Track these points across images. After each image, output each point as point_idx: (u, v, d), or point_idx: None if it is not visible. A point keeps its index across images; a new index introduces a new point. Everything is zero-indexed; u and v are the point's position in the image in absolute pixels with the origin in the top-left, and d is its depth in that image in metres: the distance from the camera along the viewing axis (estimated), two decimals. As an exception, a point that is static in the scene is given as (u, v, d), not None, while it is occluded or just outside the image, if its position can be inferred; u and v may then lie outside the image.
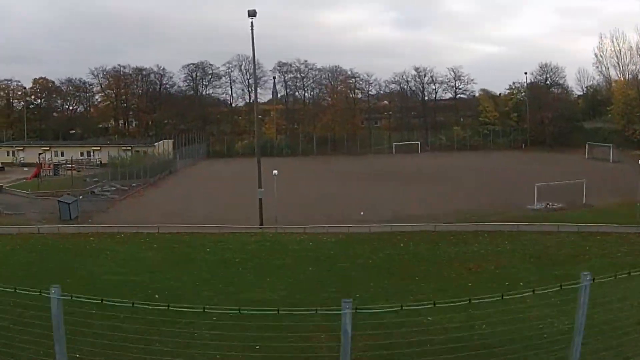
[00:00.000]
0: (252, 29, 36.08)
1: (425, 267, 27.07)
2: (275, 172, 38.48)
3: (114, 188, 54.34)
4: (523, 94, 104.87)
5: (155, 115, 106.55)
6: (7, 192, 53.53)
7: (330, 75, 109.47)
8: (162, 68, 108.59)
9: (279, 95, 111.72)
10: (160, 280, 25.96)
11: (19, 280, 25.70)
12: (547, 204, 42.02)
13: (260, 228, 37.00)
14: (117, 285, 25.33)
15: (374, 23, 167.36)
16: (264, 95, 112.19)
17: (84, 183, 57.10)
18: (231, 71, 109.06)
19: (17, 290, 7.60)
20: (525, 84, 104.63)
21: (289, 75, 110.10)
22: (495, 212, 40.01)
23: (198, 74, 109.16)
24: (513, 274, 25.30)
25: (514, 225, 35.05)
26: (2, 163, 75.87)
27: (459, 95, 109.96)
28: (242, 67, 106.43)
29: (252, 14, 35.48)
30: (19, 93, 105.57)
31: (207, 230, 36.40)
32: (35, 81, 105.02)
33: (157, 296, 23.90)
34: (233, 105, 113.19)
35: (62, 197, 43.05)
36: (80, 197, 43.22)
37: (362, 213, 40.08)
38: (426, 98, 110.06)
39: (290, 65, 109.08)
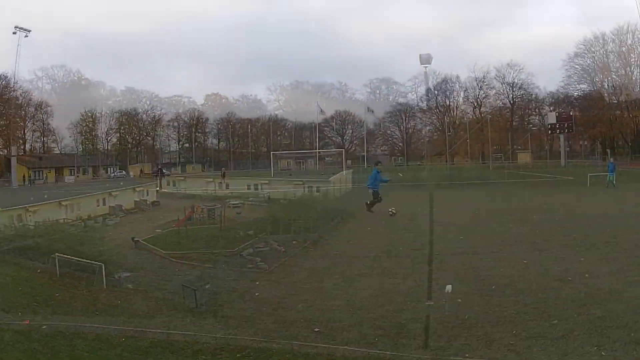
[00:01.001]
0: (426, 80, 27.79)
1: None
2: (448, 288, 30.65)
3: (267, 249, 48.39)
4: None
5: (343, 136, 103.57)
6: (142, 248, 49.97)
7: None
8: (343, 84, 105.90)
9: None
10: None
11: None
12: None
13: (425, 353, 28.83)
14: None
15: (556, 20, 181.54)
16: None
17: (235, 238, 52.09)
18: (417, 86, 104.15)
19: None
20: None
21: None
22: None
23: (382, 91, 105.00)
24: None
25: None
26: (159, 193, 74.49)
27: None
28: (430, 84, 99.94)
29: (425, 60, 27.12)
30: (188, 110, 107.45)
31: (351, 354, 28.79)
32: (207, 97, 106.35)
33: None
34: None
35: (188, 280, 37.78)
36: (206, 285, 37.24)
37: None
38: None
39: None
